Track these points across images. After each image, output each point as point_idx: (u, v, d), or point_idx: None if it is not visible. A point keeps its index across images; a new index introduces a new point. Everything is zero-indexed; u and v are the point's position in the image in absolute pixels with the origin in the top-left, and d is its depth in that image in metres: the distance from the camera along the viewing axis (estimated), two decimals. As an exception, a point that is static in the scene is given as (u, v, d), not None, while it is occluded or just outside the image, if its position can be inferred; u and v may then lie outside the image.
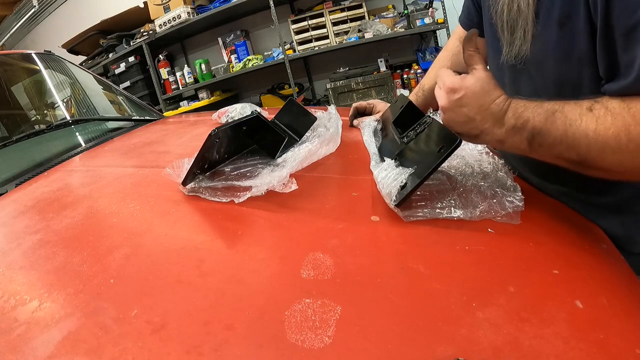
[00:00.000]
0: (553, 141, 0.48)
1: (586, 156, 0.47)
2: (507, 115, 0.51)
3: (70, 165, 0.95)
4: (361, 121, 0.92)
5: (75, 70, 1.60)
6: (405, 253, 0.47)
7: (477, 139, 0.54)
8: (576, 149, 0.47)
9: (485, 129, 0.52)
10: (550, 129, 0.48)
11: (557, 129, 0.48)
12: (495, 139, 0.52)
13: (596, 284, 0.43)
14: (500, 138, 0.52)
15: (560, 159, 0.49)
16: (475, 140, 0.54)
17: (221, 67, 3.33)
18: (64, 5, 4.17)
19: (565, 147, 0.47)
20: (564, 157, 0.49)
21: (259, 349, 0.36)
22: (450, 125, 0.55)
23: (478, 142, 0.55)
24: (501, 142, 0.52)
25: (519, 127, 0.50)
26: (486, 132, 0.52)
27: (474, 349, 0.34)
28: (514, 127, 0.51)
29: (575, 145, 0.47)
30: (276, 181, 0.60)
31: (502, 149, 0.54)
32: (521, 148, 0.51)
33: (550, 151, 0.49)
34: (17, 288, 0.49)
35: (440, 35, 3.08)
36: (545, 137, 0.49)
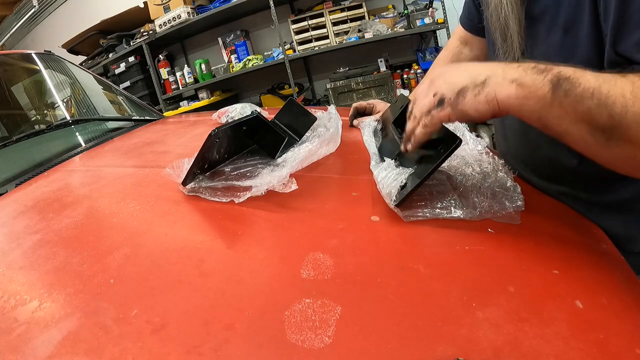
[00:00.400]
0: (583, 92, 0.39)
1: (621, 120, 0.38)
2: (521, 62, 0.44)
3: (70, 165, 0.95)
4: (361, 121, 0.92)
5: (75, 70, 1.60)
6: (405, 253, 0.47)
7: (486, 85, 0.44)
8: (609, 107, 0.38)
9: (494, 71, 0.44)
10: (580, 78, 0.40)
11: (588, 80, 0.40)
12: (508, 78, 0.43)
13: (596, 284, 0.43)
14: (516, 76, 0.43)
15: (584, 121, 0.40)
16: (484, 89, 0.44)
17: (221, 67, 3.33)
18: (64, 5, 4.17)
19: (597, 102, 0.39)
20: (593, 116, 0.39)
21: (259, 349, 0.36)
22: (451, 83, 0.46)
23: (487, 90, 0.44)
24: (517, 83, 0.42)
25: (542, 69, 0.42)
26: (495, 74, 0.44)
27: (474, 349, 0.34)
28: (535, 67, 0.42)
29: (609, 103, 0.38)
30: (276, 181, 0.60)
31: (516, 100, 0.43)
32: (541, 93, 0.41)
33: (577, 105, 0.40)
34: (17, 288, 0.49)
35: (440, 35, 3.09)
36: (573, 84, 0.40)
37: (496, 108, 0.44)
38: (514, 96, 0.43)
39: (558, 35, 0.53)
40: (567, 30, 0.52)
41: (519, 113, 0.44)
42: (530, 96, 0.42)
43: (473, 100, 0.45)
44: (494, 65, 0.46)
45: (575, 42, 0.51)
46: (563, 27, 0.52)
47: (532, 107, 0.42)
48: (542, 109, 0.42)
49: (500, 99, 0.43)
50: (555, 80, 0.41)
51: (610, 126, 0.39)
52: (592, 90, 0.39)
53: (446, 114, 0.47)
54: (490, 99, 0.44)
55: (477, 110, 0.45)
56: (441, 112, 0.47)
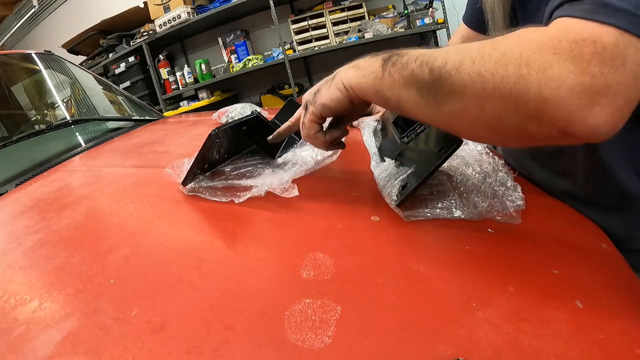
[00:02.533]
0: (408, 59, 0.42)
1: (440, 71, 0.39)
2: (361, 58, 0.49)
3: (70, 165, 0.95)
4: (361, 121, 0.92)
5: (75, 70, 1.60)
6: (405, 253, 0.47)
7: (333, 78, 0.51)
8: (430, 64, 0.40)
9: (341, 68, 0.51)
10: (410, 52, 0.43)
11: (417, 51, 0.42)
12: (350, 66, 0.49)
13: (596, 284, 0.43)
14: (355, 63, 0.49)
15: (412, 83, 0.41)
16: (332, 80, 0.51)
17: (221, 67, 3.33)
18: (64, 5, 4.17)
19: (420, 63, 0.41)
20: (417, 76, 0.41)
21: (259, 349, 0.36)
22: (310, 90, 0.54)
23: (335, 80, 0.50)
24: (355, 67, 0.48)
25: (379, 53, 0.47)
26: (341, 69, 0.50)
27: (474, 349, 0.34)
28: (373, 54, 0.48)
29: (431, 61, 0.40)
30: (277, 184, 0.60)
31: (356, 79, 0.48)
32: (373, 70, 0.46)
33: (402, 71, 0.42)
34: (17, 288, 0.49)
35: (440, 36, 3.08)
36: (401, 56, 0.43)
37: (345, 91, 0.49)
38: (353, 77, 0.48)
39: None
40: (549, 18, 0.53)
41: (361, 92, 0.48)
42: (366, 73, 0.47)
43: (326, 92, 0.51)
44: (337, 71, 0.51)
45: None
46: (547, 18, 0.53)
47: (368, 82, 0.47)
48: (375, 82, 0.46)
49: (345, 83, 0.49)
50: (386, 57, 0.45)
51: (432, 80, 0.39)
52: (417, 55, 0.42)
53: (311, 112, 0.53)
54: (339, 86, 0.50)
55: (332, 99, 0.51)
56: (308, 114, 0.54)
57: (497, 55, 0.36)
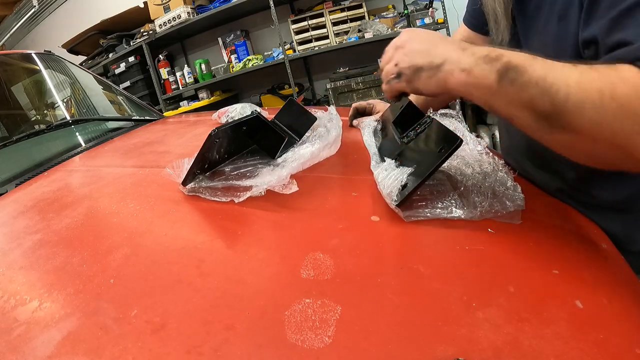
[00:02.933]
0: (527, 81, 0.42)
1: (562, 107, 0.40)
2: (475, 47, 0.47)
3: (70, 165, 0.95)
4: (361, 121, 0.92)
5: (75, 70, 1.60)
6: (405, 253, 0.47)
7: (439, 71, 0.48)
8: (552, 96, 0.40)
9: (450, 57, 0.47)
10: (527, 68, 0.42)
11: (536, 70, 0.42)
12: (460, 66, 0.46)
13: (596, 284, 0.43)
14: (467, 66, 0.46)
15: (528, 108, 0.42)
16: (437, 74, 0.48)
17: (221, 67, 3.33)
18: (64, 5, 4.17)
19: (540, 91, 0.41)
20: (535, 104, 0.41)
21: (259, 349, 0.36)
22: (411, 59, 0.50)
23: (439, 75, 0.48)
24: (467, 73, 0.46)
25: (492, 58, 0.44)
26: (451, 60, 0.47)
27: (474, 349, 0.34)
28: (486, 57, 0.45)
29: (552, 92, 0.40)
30: (276, 181, 0.60)
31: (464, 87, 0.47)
32: (487, 82, 0.44)
33: (521, 93, 0.42)
34: (17, 288, 0.49)
35: (440, 35, 3.08)
36: (520, 73, 0.42)
37: (445, 90, 0.49)
38: (462, 84, 0.47)
39: (554, 24, 0.54)
40: (561, 17, 0.52)
41: (467, 97, 0.48)
42: (478, 85, 0.45)
43: (426, 81, 0.50)
44: (453, 48, 0.48)
45: (569, 28, 0.51)
46: (558, 14, 0.52)
47: (479, 94, 0.46)
48: (488, 96, 0.45)
49: (449, 85, 0.48)
50: (502, 70, 0.43)
51: (551, 113, 0.41)
52: (537, 79, 0.41)
53: (402, 87, 0.53)
54: (441, 83, 0.48)
55: (428, 90, 0.50)
56: (397, 84, 0.53)
57: (615, 107, 0.37)
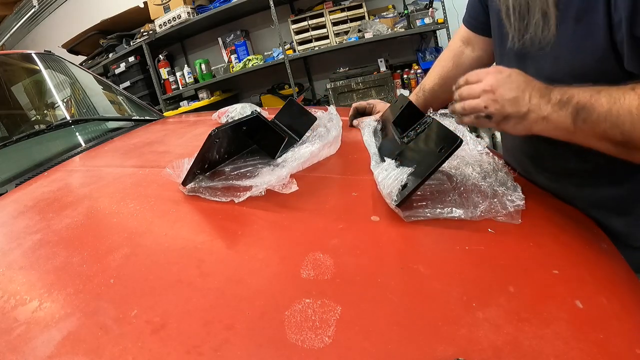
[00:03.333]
0: (597, 117, 0.49)
1: (631, 134, 0.47)
2: (553, 92, 0.52)
3: (70, 165, 0.95)
4: (361, 121, 0.92)
5: (75, 70, 1.60)
6: (405, 253, 0.47)
7: (525, 119, 0.54)
8: (620, 126, 0.47)
9: (533, 105, 0.53)
10: (594, 105, 0.49)
11: (602, 105, 0.48)
12: (541, 115, 0.53)
13: (596, 284, 0.43)
14: (546, 114, 0.52)
15: (604, 139, 0.50)
16: (523, 122, 0.54)
17: (221, 67, 3.33)
18: (64, 5, 4.17)
19: (610, 124, 0.48)
20: (608, 136, 0.49)
21: (259, 349, 0.36)
22: (501, 106, 0.54)
23: (525, 123, 0.54)
24: (547, 120, 0.52)
25: (564, 102, 0.51)
26: (533, 109, 0.53)
27: (474, 349, 0.34)
28: (559, 102, 0.51)
29: (620, 123, 0.47)
30: (275, 180, 0.60)
31: (547, 131, 0.54)
32: (565, 126, 0.51)
33: (594, 129, 0.49)
34: (17, 288, 0.49)
35: (440, 35, 3.08)
36: (589, 112, 0.49)
37: (530, 133, 0.55)
38: (544, 130, 0.54)
39: (569, 25, 0.55)
40: (579, 19, 0.54)
41: (551, 137, 0.54)
42: (557, 128, 0.52)
43: (513, 128, 0.55)
44: (535, 95, 0.53)
45: (589, 30, 0.53)
46: (575, 17, 0.54)
47: (560, 135, 0.53)
48: (567, 135, 0.52)
49: (533, 130, 0.54)
50: (574, 112, 0.50)
51: (624, 141, 0.48)
52: (605, 114, 0.48)
53: (490, 125, 0.57)
54: (526, 130, 0.55)
55: (514, 133, 0.56)
56: (486, 122, 0.57)
57: None
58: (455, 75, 0.83)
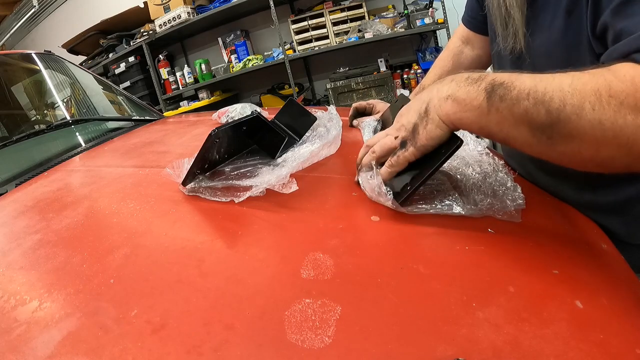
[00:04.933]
0: (518, 94, 0.40)
1: (559, 114, 0.38)
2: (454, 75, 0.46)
3: (70, 165, 0.95)
4: (361, 121, 0.92)
5: (75, 70, 1.60)
6: (405, 253, 0.47)
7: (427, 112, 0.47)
8: (547, 104, 0.38)
9: (430, 96, 0.47)
10: (514, 82, 0.41)
11: (524, 82, 0.40)
12: (443, 95, 0.45)
13: (596, 284, 0.43)
14: (450, 92, 0.44)
15: (524, 122, 0.40)
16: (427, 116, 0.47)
17: (221, 67, 3.33)
18: (64, 5, 4.17)
19: (533, 101, 0.39)
20: (531, 116, 0.39)
21: (259, 349, 0.36)
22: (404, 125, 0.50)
23: (430, 115, 0.47)
24: (453, 99, 0.44)
25: (474, 79, 0.43)
26: (432, 96, 0.46)
27: (474, 349, 0.34)
28: (468, 79, 0.44)
29: (547, 100, 0.38)
30: (275, 180, 0.60)
31: (456, 114, 0.45)
32: (477, 103, 0.42)
33: (513, 107, 0.40)
34: (17, 288, 0.49)
35: (440, 35, 3.09)
36: (508, 89, 0.41)
37: (446, 127, 0.46)
38: (452, 112, 0.45)
39: (561, 19, 0.53)
40: (570, 12, 0.51)
41: (461, 126, 0.46)
42: (467, 108, 0.43)
43: (425, 133, 0.47)
44: (431, 88, 0.47)
45: (579, 22, 0.51)
46: (566, 9, 0.52)
47: (471, 118, 0.44)
48: (480, 118, 0.43)
49: (444, 119, 0.45)
50: (489, 88, 0.42)
51: (549, 123, 0.39)
52: (528, 91, 0.39)
53: (411, 153, 0.50)
54: (437, 123, 0.46)
55: (432, 139, 0.47)
56: (405, 152, 0.50)
57: (615, 104, 0.36)
58: None
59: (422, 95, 0.49)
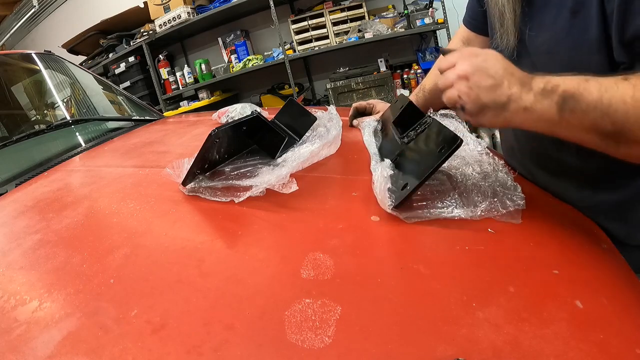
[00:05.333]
0: (586, 107, 0.44)
1: (623, 125, 0.43)
2: (534, 79, 0.48)
3: (70, 165, 0.95)
4: (361, 121, 0.92)
5: (75, 70, 1.60)
6: (405, 253, 0.47)
7: (504, 110, 0.48)
8: (612, 116, 0.43)
9: (513, 94, 0.47)
10: (583, 93, 0.44)
11: (591, 93, 0.44)
12: (523, 105, 0.47)
13: (596, 284, 0.43)
14: (528, 104, 0.47)
15: (592, 130, 0.45)
16: (502, 112, 0.48)
17: (221, 67, 3.33)
18: (64, 5, 4.17)
19: (600, 113, 0.44)
20: (598, 126, 0.44)
21: (259, 349, 0.36)
22: (476, 95, 0.49)
23: (504, 114, 0.48)
24: (529, 111, 0.47)
25: (548, 90, 0.46)
26: (514, 98, 0.47)
27: (474, 349, 0.34)
28: (543, 90, 0.47)
29: (611, 112, 0.43)
30: (275, 180, 0.60)
31: (528, 122, 0.48)
32: (549, 116, 0.46)
33: (582, 119, 0.45)
34: (17, 288, 0.49)
35: (440, 35, 3.08)
36: (578, 101, 0.45)
37: (509, 126, 0.51)
38: (526, 122, 0.49)
39: (565, 19, 0.54)
40: (575, 12, 0.52)
41: (531, 129, 0.50)
42: (540, 119, 0.47)
43: (492, 119, 0.50)
44: (515, 82, 0.48)
45: (585, 23, 0.52)
46: (571, 9, 0.53)
47: (543, 127, 0.48)
48: (551, 126, 0.48)
49: (514, 123, 0.49)
50: (561, 101, 0.46)
51: (615, 132, 0.44)
52: (595, 103, 0.44)
53: (465, 119, 0.53)
54: (505, 122, 0.50)
55: (492, 125, 0.51)
56: (461, 115, 0.52)
57: None
58: None
59: (504, 80, 0.48)
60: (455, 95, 0.50)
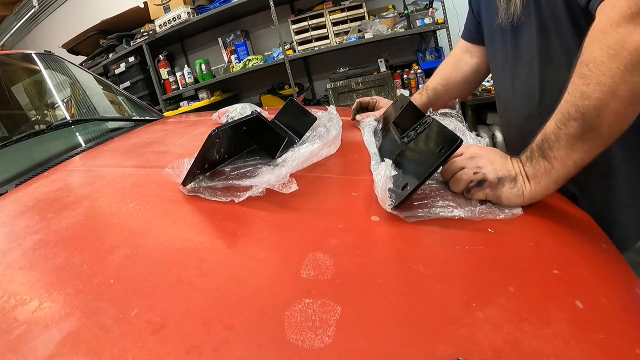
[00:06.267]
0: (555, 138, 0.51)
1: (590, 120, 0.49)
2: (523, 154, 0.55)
3: (70, 165, 0.95)
4: (361, 121, 0.92)
5: (75, 70, 1.60)
6: (405, 253, 0.47)
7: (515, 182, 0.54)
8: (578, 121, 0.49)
9: (518, 173, 0.54)
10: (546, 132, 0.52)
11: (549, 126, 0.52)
12: (527, 175, 0.54)
13: (596, 284, 0.43)
14: (530, 174, 0.53)
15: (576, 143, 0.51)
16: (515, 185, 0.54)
17: (221, 67, 3.33)
18: (64, 5, 4.17)
19: (575, 116, 0.50)
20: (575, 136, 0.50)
21: (259, 349, 0.36)
22: (493, 167, 0.54)
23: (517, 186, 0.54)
24: (531, 178, 0.53)
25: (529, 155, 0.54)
26: (521, 174, 0.54)
27: (474, 349, 0.34)
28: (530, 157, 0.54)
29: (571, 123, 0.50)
30: (275, 180, 0.60)
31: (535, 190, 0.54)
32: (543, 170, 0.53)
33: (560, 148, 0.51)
34: (17, 288, 0.49)
35: (440, 35, 3.08)
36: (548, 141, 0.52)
37: (522, 200, 0.54)
38: (534, 189, 0.54)
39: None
40: None
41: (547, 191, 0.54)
42: (540, 177, 0.53)
43: (509, 192, 0.54)
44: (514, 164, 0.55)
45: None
46: None
47: (548, 181, 0.53)
48: (551, 174, 0.52)
49: (525, 195, 0.54)
50: (540, 152, 0.53)
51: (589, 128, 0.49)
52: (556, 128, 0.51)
53: (484, 194, 0.54)
54: (519, 194, 0.54)
55: (508, 200, 0.54)
56: (480, 191, 0.54)
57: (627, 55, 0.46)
58: (456, 76, 0.92)
59: (505, 161, 0.56)
60: (471, 173, 0.54)
